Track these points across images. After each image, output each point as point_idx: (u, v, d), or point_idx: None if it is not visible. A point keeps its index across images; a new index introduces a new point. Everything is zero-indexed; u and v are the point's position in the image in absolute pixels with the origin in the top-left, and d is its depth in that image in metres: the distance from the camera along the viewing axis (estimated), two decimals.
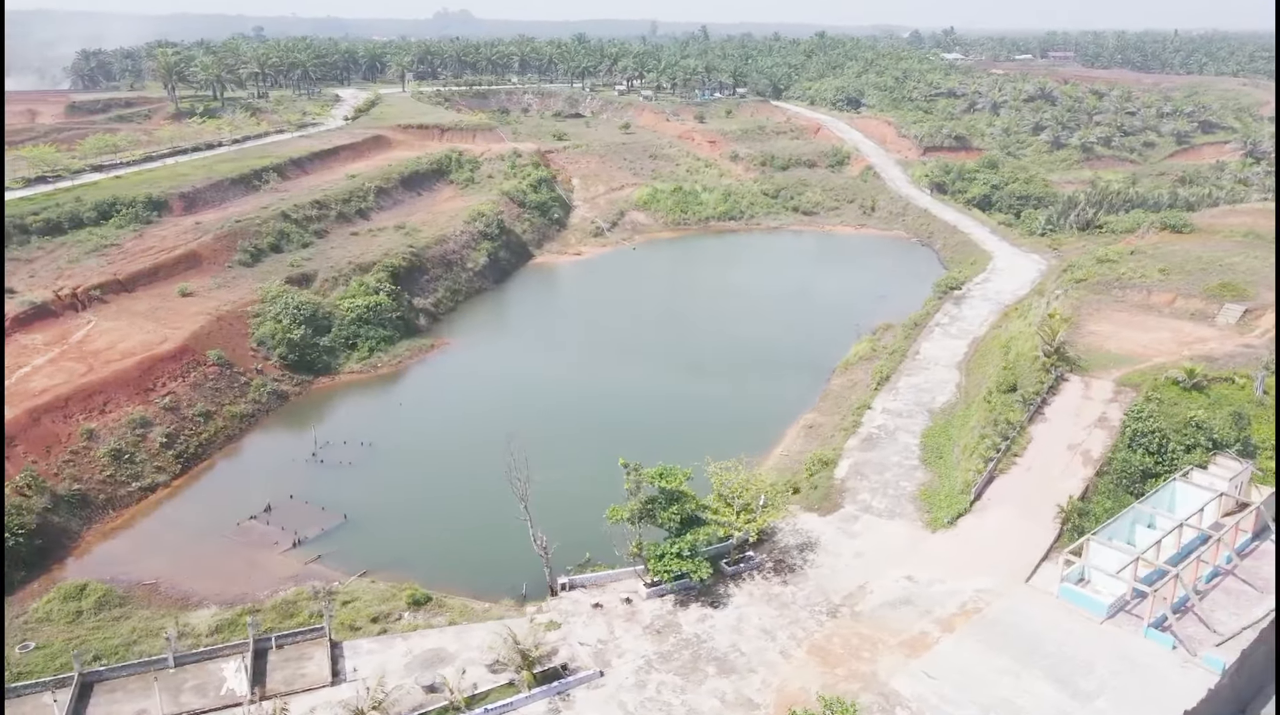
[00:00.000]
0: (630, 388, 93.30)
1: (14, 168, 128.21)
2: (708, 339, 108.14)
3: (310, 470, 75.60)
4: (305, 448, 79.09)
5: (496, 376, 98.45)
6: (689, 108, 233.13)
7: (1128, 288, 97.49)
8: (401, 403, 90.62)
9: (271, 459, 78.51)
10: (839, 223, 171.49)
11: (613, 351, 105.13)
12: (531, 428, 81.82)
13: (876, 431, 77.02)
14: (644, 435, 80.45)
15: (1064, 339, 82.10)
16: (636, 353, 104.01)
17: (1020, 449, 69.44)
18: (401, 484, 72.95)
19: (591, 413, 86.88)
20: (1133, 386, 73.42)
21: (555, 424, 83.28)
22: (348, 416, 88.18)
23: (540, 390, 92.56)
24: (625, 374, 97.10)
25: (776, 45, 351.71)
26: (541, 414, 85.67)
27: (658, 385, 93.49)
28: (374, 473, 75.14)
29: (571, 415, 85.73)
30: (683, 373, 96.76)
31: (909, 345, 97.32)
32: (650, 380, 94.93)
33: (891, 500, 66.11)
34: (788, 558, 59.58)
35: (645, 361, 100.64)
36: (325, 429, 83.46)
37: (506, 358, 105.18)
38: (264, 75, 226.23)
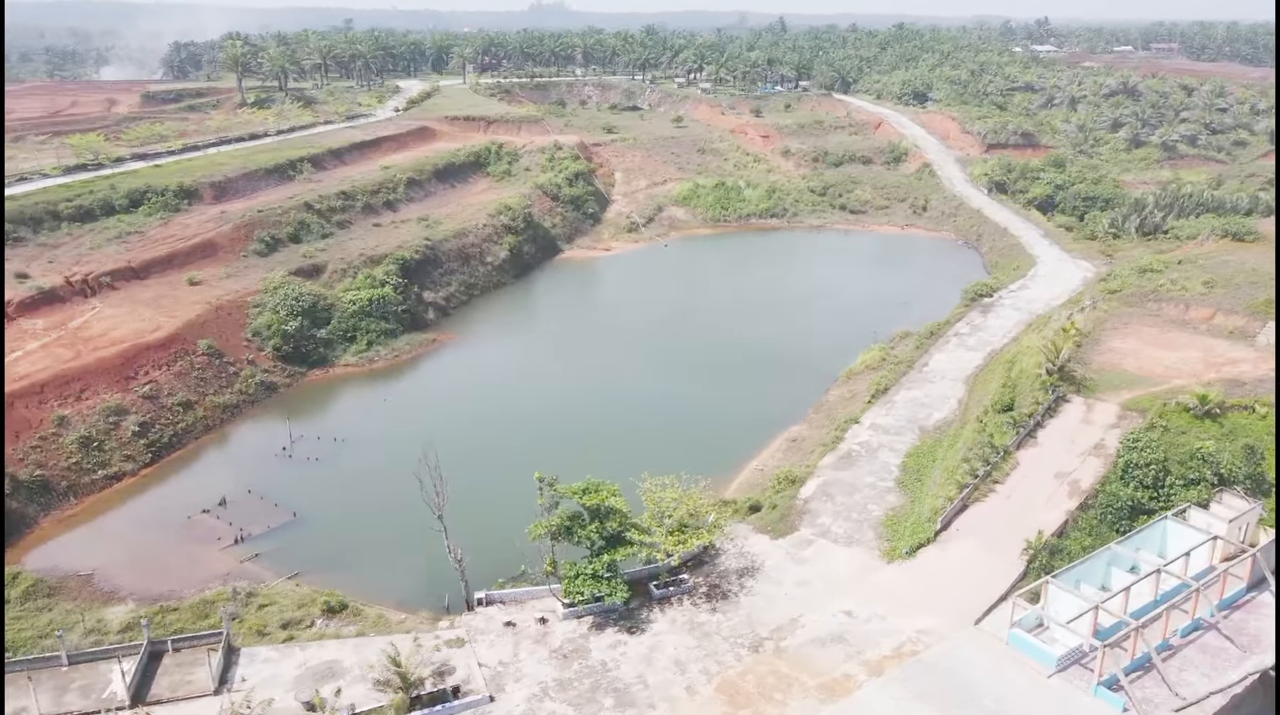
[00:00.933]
0: (622, 390, 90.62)
1: (59, 155, 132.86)
2: (716, 340, 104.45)
3: (276, 465, 75.34)
4: (281, 441, 78.87)
5: (491, 375, 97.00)
6: (747, 101, 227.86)
7: (1164, 301, 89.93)
8: (386, 398, 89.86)
9: (244, 452, 78.66)
10: (886, 222, 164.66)
11: (615, 352, 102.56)
12: (511, 430, 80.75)
13: (858, 449, 72.46)
14: (621, 441, 78.01)
15: (1076, 356, 76.28)
16: (639, 353, 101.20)
17: (1002, 475, 64.23)
18: (361, 483, 71.94)
19: (575, 416, 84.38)
20: (1139, 411, 67.29)
21: (536, 426, 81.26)
22: (330, 410, 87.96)
23: (531, 391, 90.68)
24: (621, 376, 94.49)
25: (852, 37, 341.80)
26: (524, 416, 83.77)
27: (653, 389, 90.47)
28: (338, 470, 74.42)
29: (555, 418, 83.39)
30: (681, 376, 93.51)
31: (919, 356, 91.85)
32: (646, 383, 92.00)
33: (853, 525, 61.81)
34: (724, 583, 56.11)
35: (646, 363, 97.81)
36: (304, 423, 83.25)
37: (506, 355, 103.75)
38: (326, 67, 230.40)
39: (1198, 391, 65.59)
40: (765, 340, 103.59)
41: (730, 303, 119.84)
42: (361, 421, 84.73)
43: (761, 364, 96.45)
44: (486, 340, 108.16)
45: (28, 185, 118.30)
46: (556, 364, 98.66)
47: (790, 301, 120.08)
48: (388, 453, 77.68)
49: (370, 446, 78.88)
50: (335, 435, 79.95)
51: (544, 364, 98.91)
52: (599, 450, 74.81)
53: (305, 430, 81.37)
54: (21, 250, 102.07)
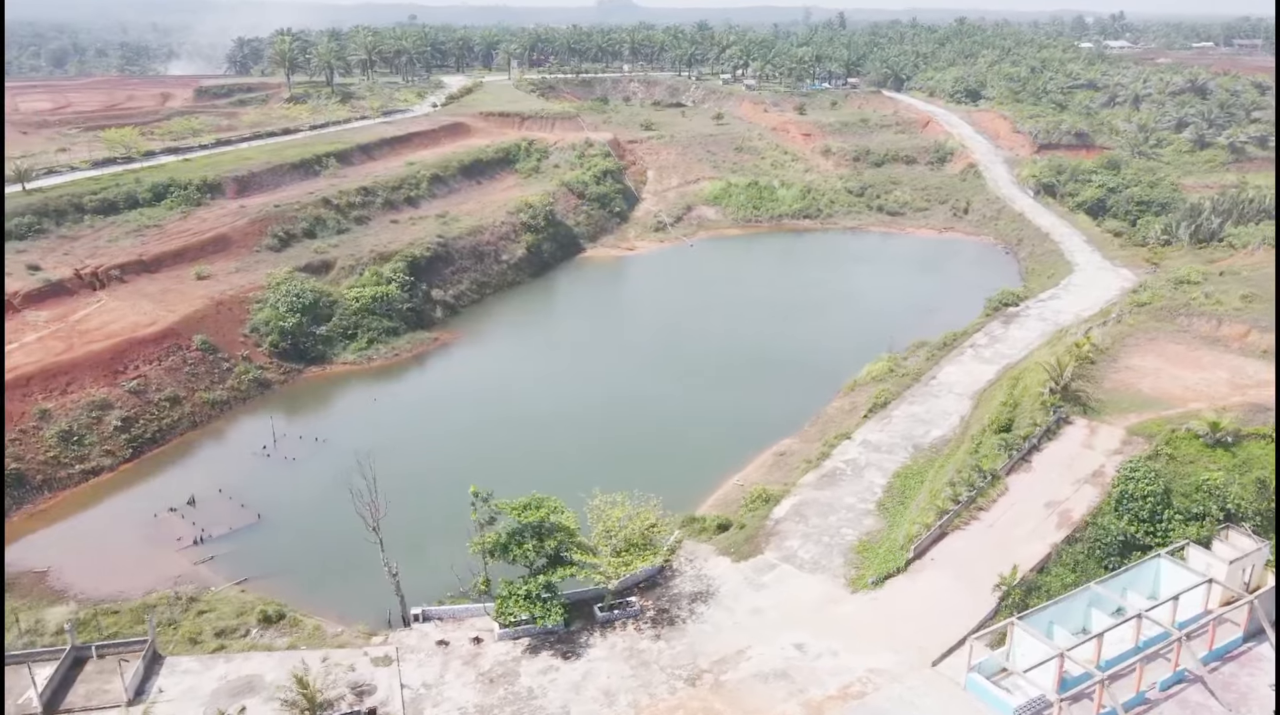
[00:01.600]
0: (617, 397, 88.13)
1: (91, 149, 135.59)
2: (726, 345, 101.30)
3: (254, 464, 74.82)
4: (264, 439, 78.39)
5: (487, 377, 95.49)
6: (792, 98, 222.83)
7: (1195, 316, 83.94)
8: (375, 399, 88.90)
9: (226, 450, 78.41)
10: (924, 225, 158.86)
11: (618, 356, 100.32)
12: (494, 435, 78.96)
13: (843, 467, 68.80)
14: (605, 450, 75.76)
15: (1088, 374, 71.45)
16: (643, 358, 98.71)
17: (988, 502, 60.08)
18: (330, 486, 70.39)
19: (563, 423, 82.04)
20: (1146, 437, 62.47)
21: (521, 432, 79.44)
22: (320, 409, 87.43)
23: (524, 395, 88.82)
24: (619, 381, 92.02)
25: (909, 32, 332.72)
26: (512, 421, 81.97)
27: (649, 395, 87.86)
28: (311, 472, 73.43)
29: (542, 424, 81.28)
30: (682, 382, 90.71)
31: (929, 367, 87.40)
32: (644, 389, 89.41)
33: (822, 550, 58.38)
34: (674, 607, 53.36)
35: (648, 368, 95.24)
36: (292, 421, 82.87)
37: (506, 357, 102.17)
38: (372, 63, 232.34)
39: (1209, 417, 60.41)
40: (777, 346, 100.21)
41: (747, 306, 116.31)
42: (347, 422, 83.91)
43: (768, 371, 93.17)
44: (490, 341, 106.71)
45: (57, 178, 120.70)
46: (555, 368, 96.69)
47: (811, 305, 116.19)
48: (366, 456, 76.56)
49: (349, 448, 77.54)
50: (317, 436, 79.17)
51: (543, 367, 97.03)
52: (579, 460, 72.70)
53: (291, 429, 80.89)
54: (42, 242, 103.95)
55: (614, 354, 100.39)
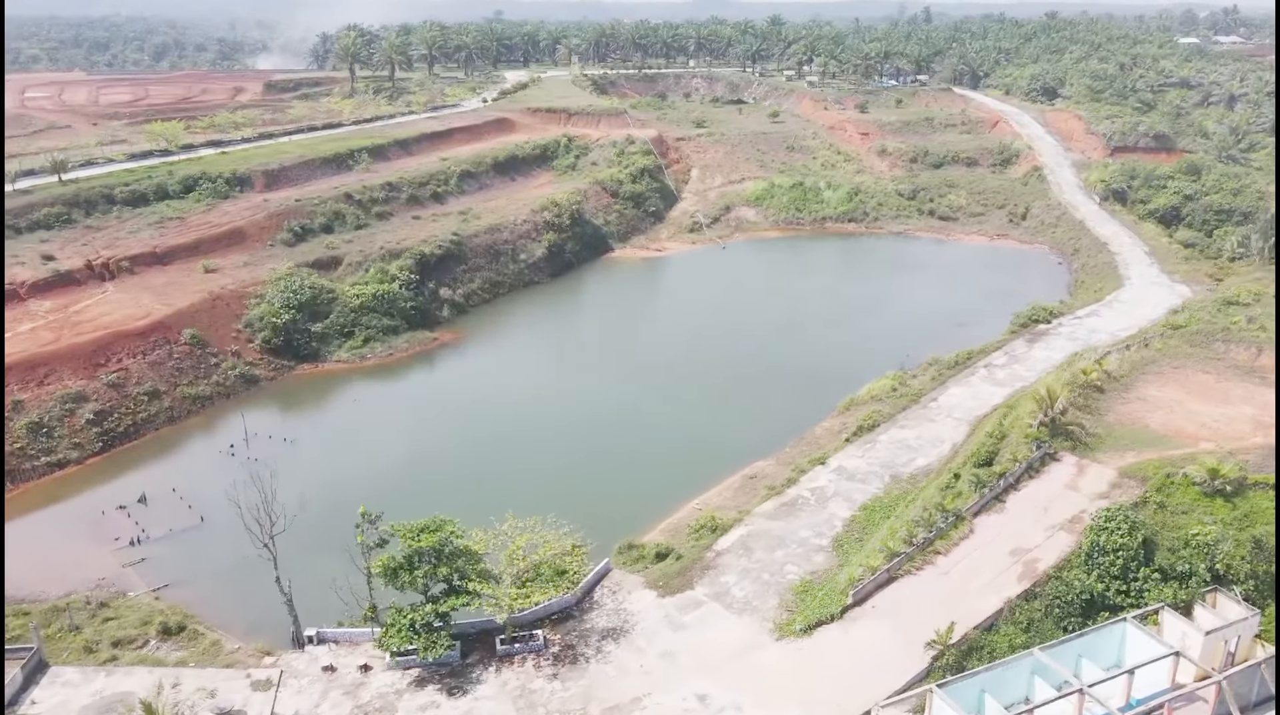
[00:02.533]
0: (602, 410, 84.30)
1: (132, 141, 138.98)
2: (732, 355, 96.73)
3: (216, 463, 74.05)
4: (236, 438, 77.81)
5: (475, 381, 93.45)
6: (855, 96, 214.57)
7: (1235, 342, 75.72)
8: (356, 399, 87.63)
9: (195, 447, 78.11)
10: (976, 231, 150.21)
11: (616, 365, 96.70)
12: (463, 445, 76.48)
13: (807, 495, 63.89)
14: (568, 468, 72.63)
15: (1090, 404, 64.67)
16: (639, 368, 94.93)
17: (949, 545, 54.63)
18: (281, 490, 69.30)
19: (539, 437, 78.59)
20: (1139, 480, 56.03)
21: (490, 443, 76.83)
22: (299, 408, 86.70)
23: (506, 402, 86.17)
24: (609, 393, 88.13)
25: (994, 27, 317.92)
26: (485, 431, 79.42)
27: (636, 408, 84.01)
28: (274, 472, 72.03)
29: (516, 438, 78.18)
30: (671, 395, 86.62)
31: (934, 387, 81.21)
32: (630, 402, 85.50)
33: (759, 589, 53.88)
34: (582, 644, 49.78)
35: (642, 379, 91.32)
36: (269, 419, 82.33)
37: (503, 362, 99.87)
38: (433, 58, 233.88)
39: (1210, 462, 53.48)
40: (788, 357, 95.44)
41: (766, 312, 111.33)
42: (322, 422, 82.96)
43: (770, 384, 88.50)
44: (491, 344, 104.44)
45: (93, 169, 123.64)
46: (548, 376, 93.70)
47: (834, 313, 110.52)
48: (328, 458, 75.40)
49: (316, 450, 76.76)
50: (286, 436, 78.18)
51: (535, 375, 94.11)
52: (536, 479, 69.70)
53: (266, 428, 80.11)
54: (66, 232, 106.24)
55: (613, 363, 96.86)
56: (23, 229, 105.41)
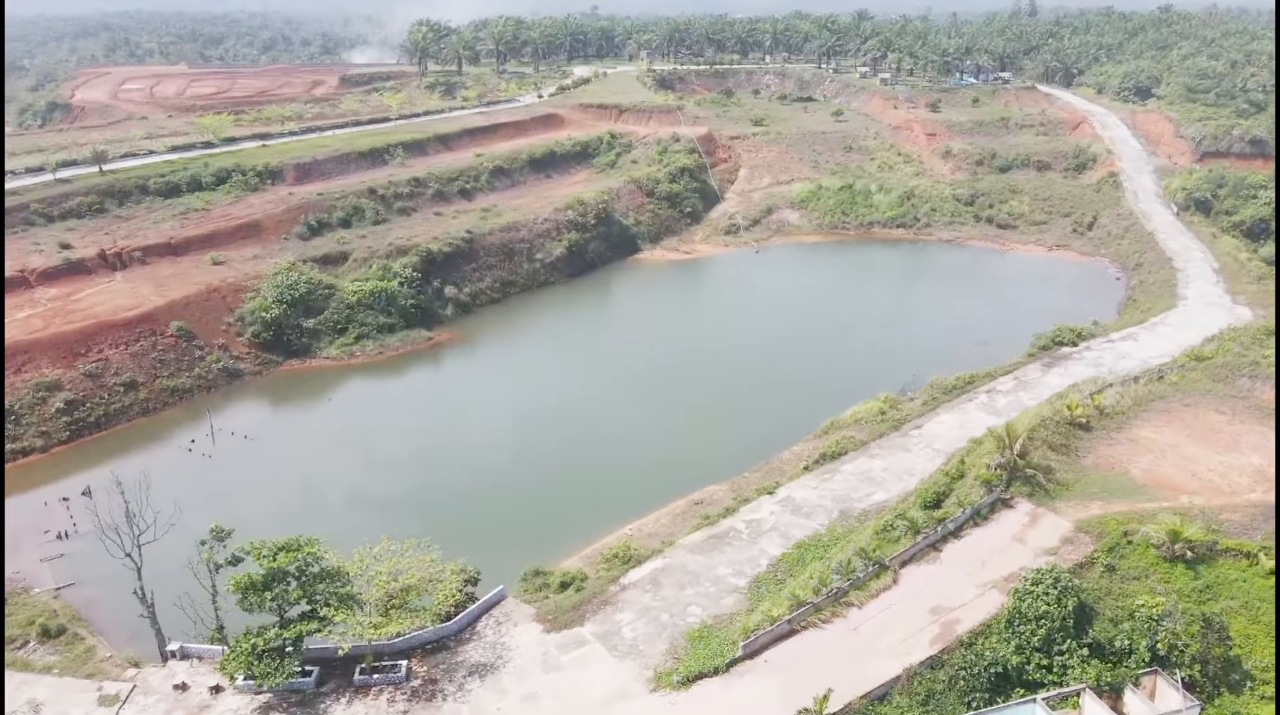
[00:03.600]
0: (575, 421, 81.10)
1: (182, 134, 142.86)
2: (729, 367, 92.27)
3: (172, 458, 74.32)
4: (198, 432, 77.96)
5: (457, 386, 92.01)
6: (929, 94, 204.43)
7: (1263, 378, 66.99)
8: (330, 398, 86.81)
9: (161, 440, 78.41)
10: (1033, 240, 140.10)
11: (605, 374, 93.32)
12: (421, 455, 74.48)
13: (741, 528, 59.12)
14: (520, 481, 70.25)
15: (1069, 444, 58.05)
16: (628, 379, 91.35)
17: (866, 597, 49.33)
18: (226, 492, 68.77)
19: (502, 446, 76.38)
20: (1096, 536, 49.31)
21: (450, 454, 74.81)
22: (273, 403, 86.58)
23: (477, 410, 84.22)
24: (588, 403, 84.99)
25: (1097, 22, 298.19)
26: (444, 442, 77.44)
27: (607, 424, 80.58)
28: (219, 472, 71.90)
29: (480, 447, 76.10)
30: (653, 408, 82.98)
31: (923, 414, 74.70)
32: (605, 416, 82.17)
33: (653, 630, 49.70)
34: (446, 680, 46.75)
35: (627, 391, 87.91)
36: (240, 414, 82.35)
37: (490, 365, 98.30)
38: (500, 53, 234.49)
39: (1170, 522, 46.52)
40: (788, 370, 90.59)
41: (779, 322, 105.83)
42: (290, 420, 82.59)
43: (760, 400, 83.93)
44: (484, 346, 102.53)
45: (133, 161, 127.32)
46: (529, 382, 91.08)
47: (850, 325, 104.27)
48: (282, 459, 74.63)
49: (274, 449, 76.09)
50: (246, 433, 77.79)
51: (516, 380, 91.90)
52: (476, 492, 67.83)
53: (234, 423, 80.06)
54: (94, 221, 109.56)
55: (600, 372, 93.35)
56: (55, 217, 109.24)
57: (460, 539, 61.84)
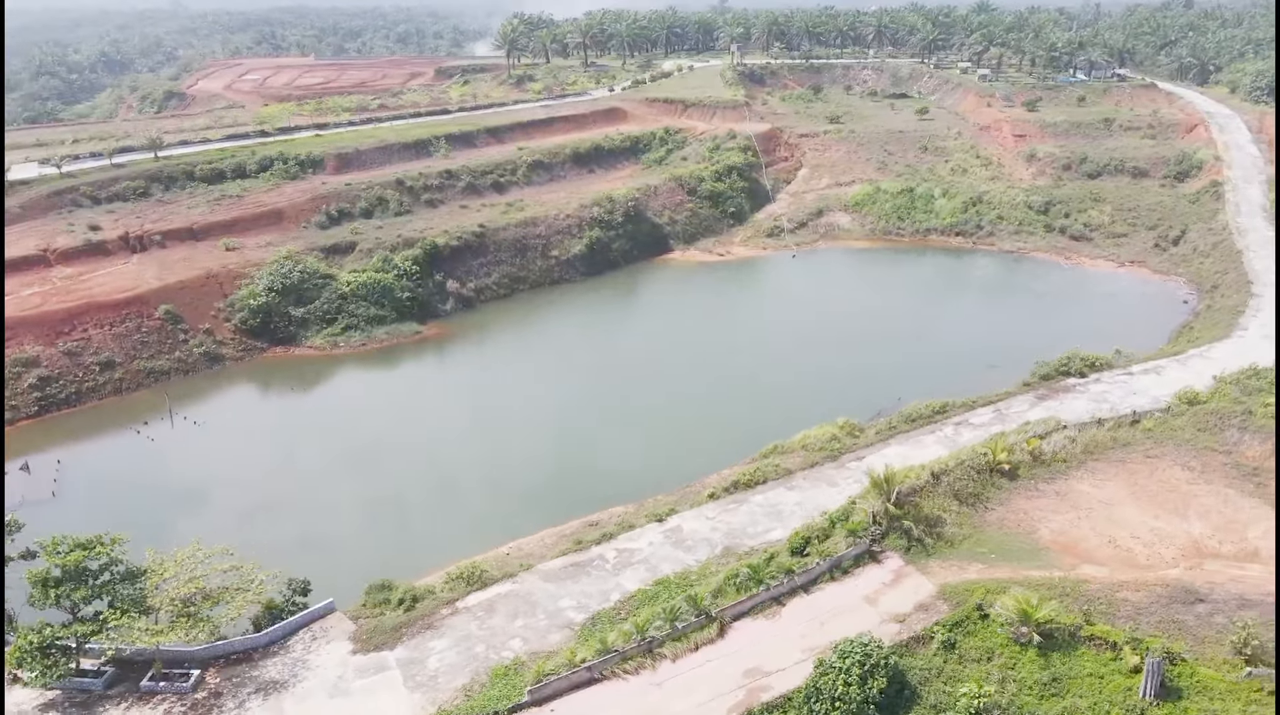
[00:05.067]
0: (521, 427, 78.53)
1: (242, 124, 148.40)
2: (708, 377, 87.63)
3: (119, 440, 76.31)
4: (154, 416, 79.92)
5: (423, 383, 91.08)
6: (1030, 91, 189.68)
7: (1253, 430, 57.23)
8: (293, 388, 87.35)
9: (119, 420, 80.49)
10: (1105, 255, 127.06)
11: (578, 376, 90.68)
12: (352, 454, 73.70)
13: (609, 557, 54.91)
14: (425, 487, 68.47)
15: (981, 493, 51.28)
16: (601, 382, 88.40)
17: (684, 649, 44.72)
18: (156, 477, 69.95)
19: (434, 449, 74.85)
20: (954, 604, 42.93)
21: (377, 455, 73.53)
22: (237, 390, 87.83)
23: (432, 408, 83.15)
24: (545, 409, 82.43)
25: (1250, 14, 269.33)
26: (380, 441, 76.23)
27: (553, 431, 77.99)
28: (156, 457, 73.28)
29: (412, 448, 74.69)
30: (609, 418, 79.94)
31: (874, 443, 67.92)
32: (557, 422, 79.71)
33: (463, 662, 46.50)
34: (231, 695, 45.10)
35: (593, 396, 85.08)
36: (197, 399, 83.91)
37: (468, 362, 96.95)
38: (585, 45, 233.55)
39: (1021, 599, 39.62)
40: (771, 384, 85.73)
41: (784, 330, 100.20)
42: (245, 409, 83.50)
43: (724, 412, 79.76)
44: (471, 342, 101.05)
45: (187, 148, 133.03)
46: (497, 382, 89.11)
47: (859, 339, 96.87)
48: (218, 448, 75.31)
49: (217, 438, 76.92)
50: (199, 419, 79.14)
51: (478, 380, 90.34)
52: (376, 497, 66.38)
53: (196, 407, 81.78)
54: (139, 204, 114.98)
55: (574, 376, 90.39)
56: (102, 200, 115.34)
57: (346, 545, 61.23)
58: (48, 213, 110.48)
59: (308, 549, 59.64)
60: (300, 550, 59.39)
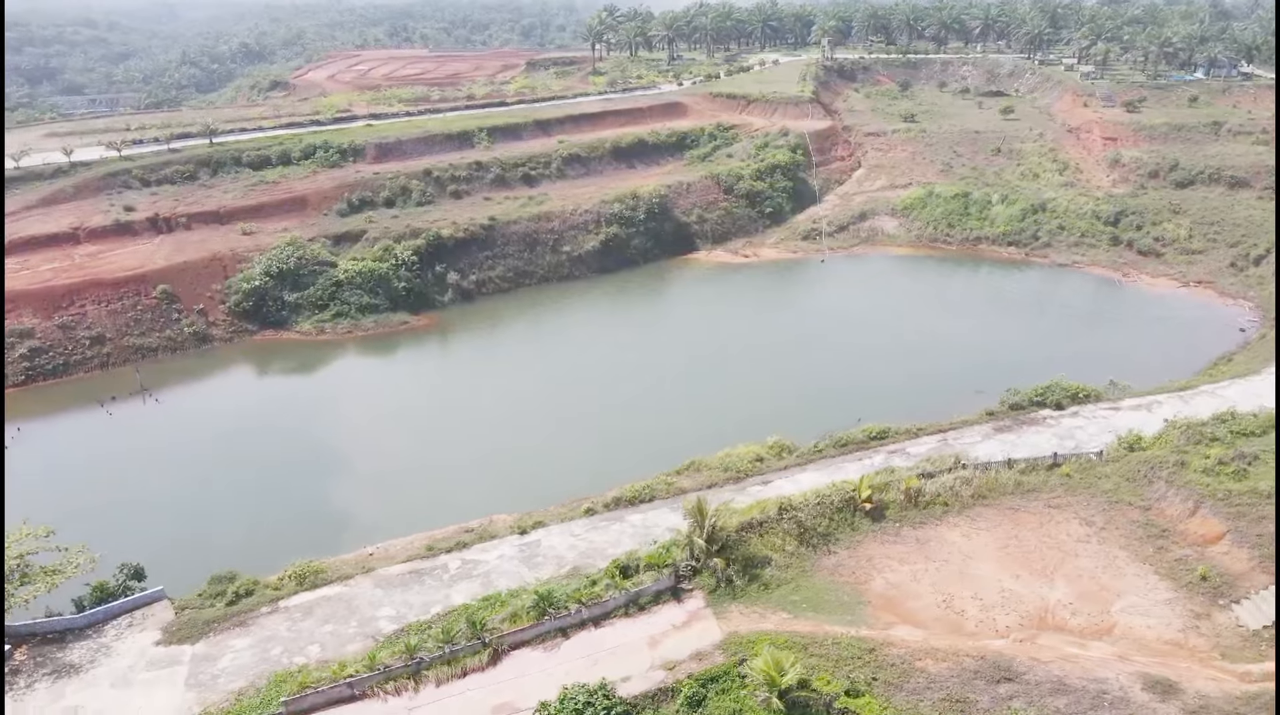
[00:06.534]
0: (461, 424, 77.74)
1: (301, 112, 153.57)
2: (679, 386, 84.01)
3: (80, 414, 79.72)
4: (134, 391, 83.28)
5: (386, 374, 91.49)
6: (1133, 90, 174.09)
7: (1181, 485, 49.61)
8: (261, 372, 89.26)
9: (104, 391, 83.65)
10: (1170, 272, 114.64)
11: (544, 372, 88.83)
12: (291, 442, 74.67)
13: (453, 568, 52.91)
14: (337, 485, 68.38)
15: (834, 532, 46.80)
16: (565, 381, 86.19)
17: (452, 674, 42.91)
18: (105, 453, 72.79)
19: (375, 439, 75.12)
20: (730, 654, 39.01)
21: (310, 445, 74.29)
22: (214, 370, 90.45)
23: (388, 400, 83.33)
24: (495, 406, 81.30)
25: None
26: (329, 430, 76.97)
27: (493, 429, 76.46)
28: (107, 432, 76.26)
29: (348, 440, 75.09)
30: (567, 419, 77.71)
31: (791, 467, 63.07)
32: (502, 421, 78.06)
33: (253, 663, 45.62)
34: (26, 674, 45.81)
35: (550, 394, 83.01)
36: (171, 377, 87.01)
37: (445, 355, 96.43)
38: (670, 39, 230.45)
39: (775, 661, 35.27)
40: (736, 397, 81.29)
41: (769, 341, 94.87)
42: (209, 390, 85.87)
43: (668, 428, 75.73)
44: (455, 334, 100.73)
45: (238, 135, 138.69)
46: (454, 376, 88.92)
47: (846, 354, 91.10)
48: (170, 427, 77.54)
49: (168, 417, 79.37)
50: (158, 397, 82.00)
51: (443, 373, 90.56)
52: (293, 487, 66.87)
53: (173, 386, 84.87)
54: (183, 187, 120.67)
55: (541, 376, 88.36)
56: (151, 182, 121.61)
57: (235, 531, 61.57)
58: (98, 193, 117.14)
59: (193, 532, 60.57)
60: (186, 533, 60.53)
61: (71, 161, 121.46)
